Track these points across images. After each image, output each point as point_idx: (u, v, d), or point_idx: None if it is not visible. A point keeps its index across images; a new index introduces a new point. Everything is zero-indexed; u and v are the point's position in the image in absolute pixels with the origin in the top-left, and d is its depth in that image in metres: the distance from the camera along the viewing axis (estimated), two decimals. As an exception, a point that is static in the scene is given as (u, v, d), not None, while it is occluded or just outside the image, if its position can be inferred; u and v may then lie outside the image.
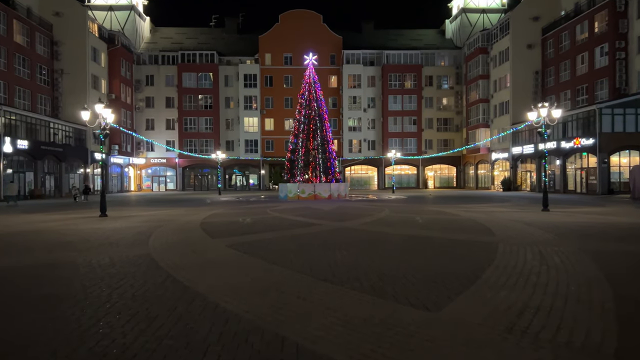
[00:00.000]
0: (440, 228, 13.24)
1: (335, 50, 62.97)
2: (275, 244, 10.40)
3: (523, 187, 49.11)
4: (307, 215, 17.73)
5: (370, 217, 16.97)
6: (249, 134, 61.84)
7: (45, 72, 45.86)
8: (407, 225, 14.28)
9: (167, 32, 69.15)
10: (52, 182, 42.20)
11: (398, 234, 12.02)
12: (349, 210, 21.08)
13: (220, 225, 14.59)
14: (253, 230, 13.11)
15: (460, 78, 62.75)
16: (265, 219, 16.69)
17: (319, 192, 31.11)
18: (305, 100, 33.11)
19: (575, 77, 44.00)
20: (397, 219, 16.07)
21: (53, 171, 42.60)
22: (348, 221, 15.43)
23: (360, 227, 13.67)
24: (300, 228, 13.42)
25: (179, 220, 16.38)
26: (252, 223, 15.38)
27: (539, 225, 13.71)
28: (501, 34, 52.54)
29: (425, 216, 17.36)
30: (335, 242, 10.44)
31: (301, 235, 11.82)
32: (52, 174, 42.50)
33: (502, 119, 52.18)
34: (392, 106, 61.80)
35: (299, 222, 15.11)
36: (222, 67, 61.82)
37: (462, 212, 19.09)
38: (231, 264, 8.13)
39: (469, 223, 14.48)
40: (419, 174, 63.48)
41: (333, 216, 17.50)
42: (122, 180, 56.98)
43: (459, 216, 16.99)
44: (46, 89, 45.91)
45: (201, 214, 18.99)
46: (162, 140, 61.07)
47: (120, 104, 53.89)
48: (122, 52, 54.39)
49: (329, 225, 14.23)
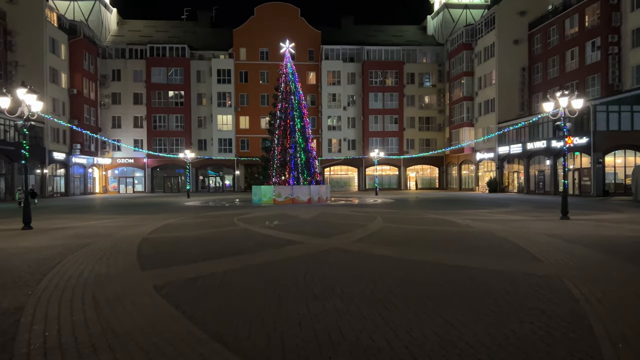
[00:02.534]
0: (462, 249, 10.17)
1: (313, 46, 60.19)
2: (230, 283, 7.15)
3: (510, 188, 47.13)
4: (283, 228, 14.55)
5: (362, 229, 13.82)
6: (223, 133, 58.57)
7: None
8: (415, 243, 11.12)
9: (135, 25, 65.26)
10: (2, 185, 38.25)
11: (411, 261, 8.76)
12: (333, 218, 17.87)
13: (165, 244, 11.30)
14: (206, 254, 9.67)
15: (443, 76, 60.71)
16: (229, 233, 13.35)
17: (297, 196, 27.49)
18: (282, 92, 29.36)
19: (564, 73, 42.16)
20: (397, 233, 13.08)
21: (4, 172, 38.68)
22: (335, 237, 12.29)
23: (353, 247, 10.53)
24: (272, 250, 10.14)
25: (117, 234, 13.06)
26: (209, 240, 12.01)
27: (581, 240, 10.77)
28: (486, 29, 50.54)
29: (428, 227, 14.35)
30: (322, 280, 7.19)
31: (272, 265, 8.50)
32: (3, 176, 38.56)
33: (488, 118, 50.18)
34: (372, 104, 59.37)
35: (271, 240, 11.85)
36: (194, 62, 58.38)
37: (469, 220, 16.27)
38: (139, 341, 4.51)
39: (492, 239, 11.48)
40: (400, 175, 61.19)
41: (315, 228, 14.35)
42: (85, 181, 53.05)
43: (470, 227, 14.13)
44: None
45: (151, 225, 15.69)
46: (129, 139, 57.31)
47: (82, 100, 50.01)
48: (84, 44, 50.49)
49: (310, 244, 11.05)
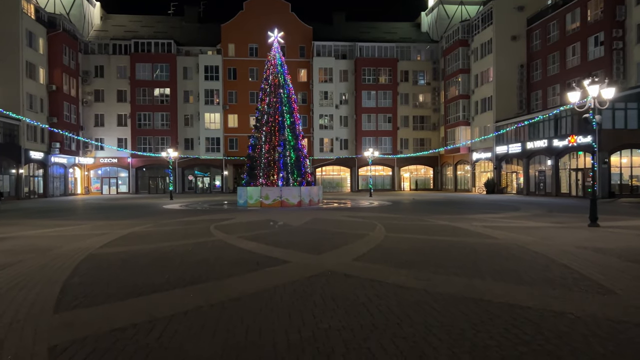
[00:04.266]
0: (499, 272, 7.61)
1: (304, 42, 58.23)
2: (168, 346, 4.40)
3: (508, 189, 45.45)
4: (267, 239, 12.10)
5: (362, 241, 11.46)
6: (211, 132, 56.41)
7: (-32, 58, 39.55)
8: (433, 261, 8.59)
9: (119, 20, 62.89)
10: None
11: (439, 295, 6.09)
12: (327, 225, 15.40)
13: (111, 264, 8.65)
14: (156, 283, 6.92)
15: (438, 73, 59.03)
16: (199, 247, 10.84)
17: (287, 198, 25.20)
18: (270, 85, 26.81)
19: (565, 70, 40.55)
20: (405, 246, 10.54)
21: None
22: (330, 252, 9.80)
23: (354, 268, 8.02)
24: (246, 275, 7.57)
25: (61, 248, 10.49)
26: (169, 258, 9.31)
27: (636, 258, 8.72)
28: (483, 25, 48.87)
29: (441, 238, 11.94)
30: (314, 338, 4.56)
31: (240, 305, 5.79)
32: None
33: (485, 116, 48.49)
34: (365, 102, 57.53)
35: (249, 257, 9.35)
36: (181, 58, 56.18)
37: (484, 228, 14.09)
38: None
39: (527, 256, 9.07)
40: (394, 175, 59.40)
41: (305, 239, 11.92)
42: (65, 182, 50.61)
43: (492, 238, 11.71)
44: (-30, 77, 39.60)
45: (111, 234, 13.24)
46: (113, 138, 55.02)
47: (62, 97, 47.59)
48: (64, 38, 48.08)
49: (299, 263, 8.56)
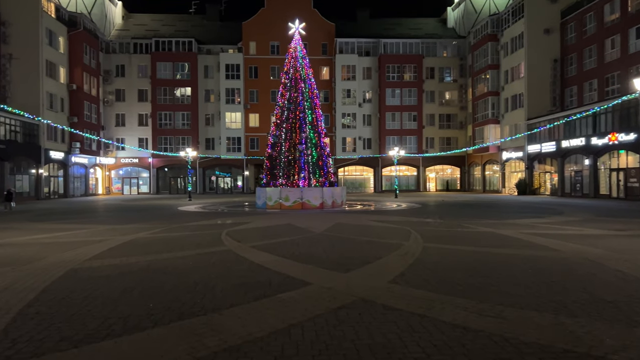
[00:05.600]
0: (590, 303, 5.75)
1: (327, 39, 56.85)
2: None
3: (541, 190, 43.22)
4: (283, 249, 10.36)
5: (397, 254, 9.51)
6: (232, 131, 55.49)
7: (-11, 57, 39.33)
8: (494, 285, 6.68)
9: (141, 19, 62.56)
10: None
11: (520, 345, 4.37)
12: (353, 232, 13.50)
13: (89, 285, 6.91)
14: (133, 320, 5.24)
15: (465, 70, 56.95)
16: (203, 260, 9.05)
17: (308, 200, 23.81)
18: (290, 79, 25.02)
19: (603, 64, 38.21)
20: (452, 263, 8.48)
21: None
22: (360, 270, 7.97)
23: (393, 296, 6.17)
24: (255, 305, 5.83)
25: (43, 260, 8.98)
26: (166, 275, 7.62)
27: None
28: (513, 19, 46.69)
29: (491, 250, 9.87)
30: None
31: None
32: (-8, 176, 35.82)
33: (515, 114, 46.30)
34: (390, 100, 55.80)
35: (260, 275, 7.56)
36: (202, 57, 55.42)
37: (540, 238, 11.72)
38: None
39: (611, 277, 7.20)
40: (419, 175, 57.52)
41: (329, 251, 10.05)
42: (86, 182, 50.26)
43: (553, 251, 9.67)
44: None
45: (108, 242, 11.72)
46: (134, 138, 54.58)
47: (82, 96, 47.22)
48: (85, 37, 47.71)
49: (322, 289, 6.63)
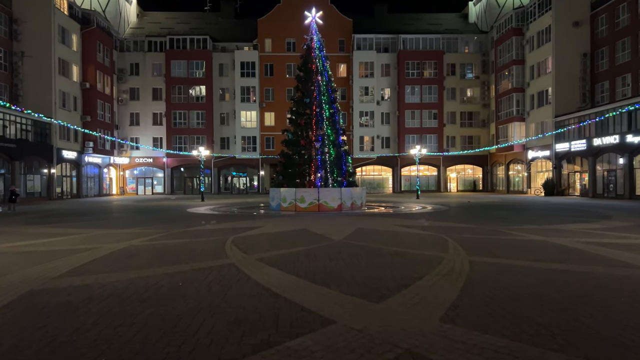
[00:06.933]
0: None
1: (344, 35, 55.36)
2: None
3: (570, 191, 41.10)
4: (296, 264, 8.43)
5: (439, 273, 7.51)
6: (247, 130, 54.36)
7: (2, 55, 38.66)
8: (584, 324, 4.90)
9: (156, 17, 61.84)
10: (1, 185, 34.72)
11: None
12: (379, 241, 11.41)
13: (25, 327, 4.92)
14: None
15: (487, 66, 54.95)
16: (197, 279, 7.19)
17: (325, 201, 22.35)
18: (307, 72, 23.83)
19: (637, 57, 36.04)
20: (514, 286, 6.57)
21: (3, 172, 35.13)
22: (397, 297, 6.03)
23: (455, 348, 4.23)
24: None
25: (5, 277, 7.37)
26: (137, 307, 5.66)
27: None
28: (540, 12, 44.63)
29: (551, 267, 7.94)
30: None
31: None
32: (2, 176, 35.00)
33: (542, 111, 44.22)
34: (409, 98, 54.09)
35: (265, 306, 5.68)
36: (216, 54, 54.41)
37: (602, 248, 9.87)
38: None
39: None
40: (439, 175, 55.68)
41: (353, 268, 8.00)
42: (100, 182, 49.60)
43: (634, 268, 7.81)
44: (3, 75, 38.70)
45: (95, 251, 10.10)
46: (148, 137, 53.81)
47: (96, 95, 46.49)
48: (98, 35, 47.01)
49: (349, 332, 4.68)
